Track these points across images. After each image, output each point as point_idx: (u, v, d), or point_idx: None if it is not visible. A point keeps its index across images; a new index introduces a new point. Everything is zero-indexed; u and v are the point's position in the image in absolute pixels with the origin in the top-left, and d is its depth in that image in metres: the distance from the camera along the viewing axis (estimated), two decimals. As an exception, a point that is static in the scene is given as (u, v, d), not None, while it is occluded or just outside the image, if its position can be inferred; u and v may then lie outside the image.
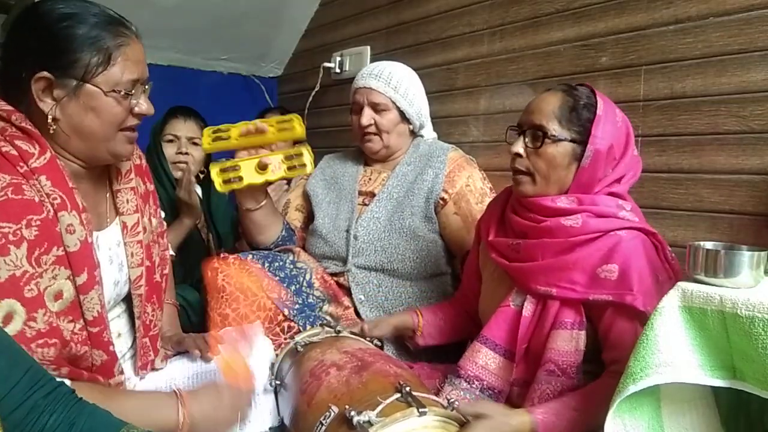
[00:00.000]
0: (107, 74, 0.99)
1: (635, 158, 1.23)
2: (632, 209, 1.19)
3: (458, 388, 1.23)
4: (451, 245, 1.71)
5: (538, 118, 1.18)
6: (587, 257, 1.13)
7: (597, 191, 1.19)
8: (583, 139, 1.16)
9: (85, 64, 0.97)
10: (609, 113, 1.18)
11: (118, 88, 1.01)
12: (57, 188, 0.95)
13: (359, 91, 1.75)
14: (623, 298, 1.09)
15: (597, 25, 1.60)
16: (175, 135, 2.00)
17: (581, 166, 1.17)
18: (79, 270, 0.96)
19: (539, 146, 1.18)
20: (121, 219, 1.14)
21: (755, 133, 1.31)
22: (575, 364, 1.13)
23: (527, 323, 1.19)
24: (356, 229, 1.69)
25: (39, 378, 0.80)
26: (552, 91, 1.22)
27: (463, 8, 1.99)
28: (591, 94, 1.20)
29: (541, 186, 1.20)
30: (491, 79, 1.90)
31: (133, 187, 1.18)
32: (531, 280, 1.19)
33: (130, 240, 1.14)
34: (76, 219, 0.97)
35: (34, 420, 0.77)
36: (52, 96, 0.98)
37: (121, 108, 1.02)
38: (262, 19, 2.62)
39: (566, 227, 1.16)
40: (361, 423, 0.91)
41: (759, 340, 0.80)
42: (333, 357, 1.14)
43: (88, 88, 0.99)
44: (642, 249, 1.13)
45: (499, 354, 1.23)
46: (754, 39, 1.31)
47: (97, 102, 0.99)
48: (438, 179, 1.68)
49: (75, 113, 0.99)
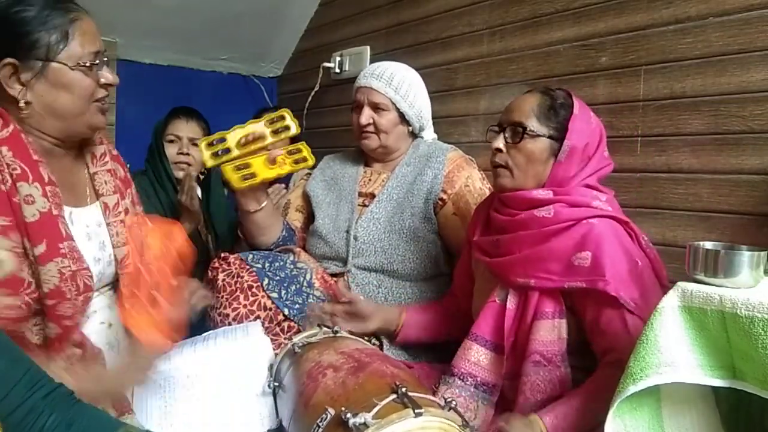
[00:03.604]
0: (68, 50, 1.02)
1: (606, 158, 1.28)
2: (607, 200, 1.24)
3: (453, 386, 1.25)
4: (450, 245, 1.71)
5: (517, 115, 1.25)
6: (561, 246, 1.17)
7: (571, 185, 1.23)
8: (560, 136, 1.22)
9: (45, 44, 1.01)
10: (584, 113, 1.25)
11: (83, 61, 1.04)
12: (18, 159, 0.97)
13: (360, 89, 1.75)
14: (596, 284, 1.12)
15: (597, 25, 1.60)
16: (176, 135, 2.01)
17: (557, 161, 1.23)
18: (37, 241, 0.97)
19: (518, 141, 1.23)
20: (102, 200, 1.16)
21: (755, 133, 1.31)
22: (560, 353, 1.16)
23: (512, 316, 1.22)
24: (356, 230, 1.69)
25: (38, 379, 0.81)
26: (531, 92, 1.29)
27: (463, 8, 1.99)
28: (568, 96, 1.26)
29: (519, 180, 1.25)
30: (491, 79, 1.89)
31: (110, 170, 1.20)
32: (510, 273, 1.23)
33: (113, 220, 1.16)
34: (37, 191, 0.98)
35: (33, 420, 0.78)
36: (19, 81, 1.01)
37: (89, 80, 1.05)
38: (262, 19, 2.62)
39: (539, 218, 1.21)
40: (357, 425, 0.91)
41: (759, 340, 0.80)
42: (330, 358, 1.14)
43: (54, 66, 1.02)
44: (614, 236, 1.16)
45: (489, 349, 1.26)
46: (754, 39, 1.31)
47: (65, 78, 1.02)
48: (437, 179, 1.67)
49: (46, 93, 1.02)
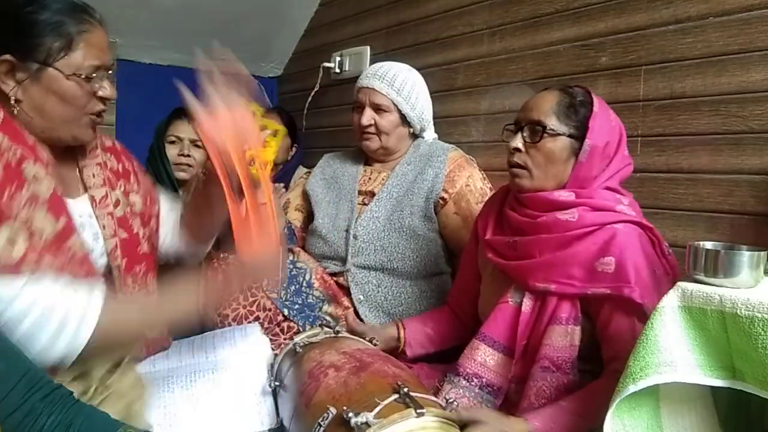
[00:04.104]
0: (69, 59, 1.02)
1: (627, 157, 1.25)
2: (630, 204, 1.21)
3: (457, 386, 1.23)
4: (451, 245, 1.71)
5: (536, 114, 1.21)
6: (584, 251, 1.14)
7: (594, 186, 1.21)
8: (581, 134, 1.19)
9: (47, 49, 1.01)
10: (604, 111, 1.22)
11: (80, 72, 1.03)
12: (15, 142, 0.97)
13: (362, 90, 1.75)
14: (621, 291, 1.10)
15: (597, 25, 1.60)
16: (177, 136, 2.00)
17: (578, 161, 1.20)
18: (58, 214, 0.98)
19: (538, 141, 1.20)
20: (89, 193, 1.16)
21: (755, 133, 1.31)
22: (570, 360, 1.14)
23: (526, 319, 1.19)
24: (356, 229, 1.69)
25: (37, 380, 0.81)
26: (549, 90, 1.25)
27: (463, 8, 1.99)
28: (587, 93, 1.24)
29: (538, 180, 1.22)
30: (491, 79, 1.89)
31: (100, 163, 1.19)
32: (529, 277, 1.19)
33: (101, 212, 1.16)
34: (42, 170, 0.99)
35: (32, 422, 0.78)
36: (14, 78, 1.01)
37: (82, 92, 1.05)
38: (262, 19, 2.62)
39: (562, 222, 1.17)
40: (359, 424, 0.91)
41: (759, 340, 0.80)
42: (331, 358, 1.14)
43: (50, 71, 1.01)
44: (638, 242, 1.14)
45: (498, 351, 1.23)
46: (754, 39, 1.31)
47: (58, 85, 1.02)
48: (438, 179, 1.67)
49: (37, 96, 1.02)
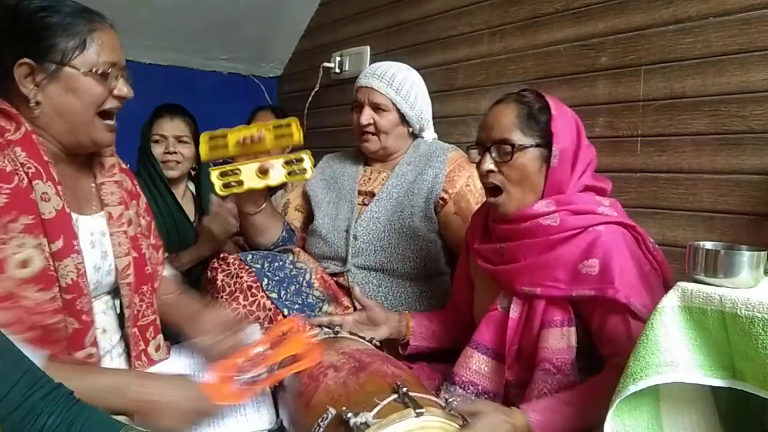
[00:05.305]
0: (84, 57, 1.06)
1: (589, 146, 1.25)
2: (611, 204, 1.22)
3: (454, 395, 1.24)
4: (451, 245, 1.71)
5: (499, 132, 1.20)
6: (568, 254, 1.16)
7: (570, 188, 1.21)
8: (546, 141, 1.19)
9: (62, 49, 1.04)
10: (561, 111, 1.22)
11: (96, 69, 1.07)
12: (31, 159, 1.01)
13: (361, 89, 1.75)
14: (605, 292, 1.11)
15: (597, 25, 1.60)
16: (162, 135, 1.99)
17: (551, 167, 1.20)
18: (55, 236, 1.01)
19: (509, 159, 1.19)
20: (106, 210, 1.18)
21: (755, 133, 1.31)
22: (569, 361, 1.15)
23: (515, 324, 1.21)
24: (356, 229, 1.69)
25: (37, 379, 0.81)
26: (503, 103, 1.24)
27: (463, 8, 1.99)
28: (539, 97, 1.23)
29: (517, 199, 1.22)
30: (491, 79, 1.89)
31: (117, 181, 1.22)
32: (515, 281, 1.21)
33: (116, 230, 1.17)
34: (51, 189, 1.02)
35: (32, 421, 0.78)
36: (34, 81, 1.04)
37: (100, 88, 1.08)
38: (262, 19, 2.62)
39: (545, 226, 1.19)
40: (358, 425, 0.91)
41: (759, 340, 0.80)
42: (331, 358, 1.14)
43: (67, 70, 1.05)
44: (622, 242, 1.14)
45: (490, 357, 1.25)
46: (754, 39, 1.31)
47: (76, 83, 1.06)
48: (438, 179, 1.67)
49: (56, 95, 1.06)
